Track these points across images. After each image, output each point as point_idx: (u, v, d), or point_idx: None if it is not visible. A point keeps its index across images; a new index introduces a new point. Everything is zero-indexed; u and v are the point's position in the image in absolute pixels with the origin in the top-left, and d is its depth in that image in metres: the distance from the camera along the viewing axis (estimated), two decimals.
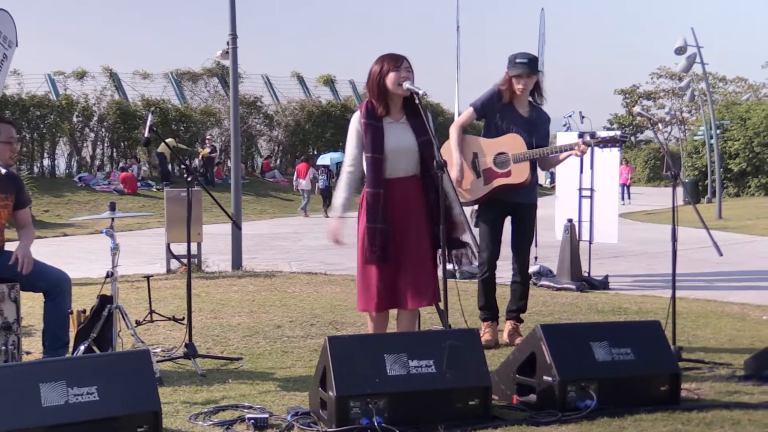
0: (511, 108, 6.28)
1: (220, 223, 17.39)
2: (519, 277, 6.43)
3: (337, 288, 9.16)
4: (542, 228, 10.97)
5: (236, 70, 11.82)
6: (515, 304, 6.47)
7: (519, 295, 6.45)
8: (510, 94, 6.25)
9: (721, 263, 10.49)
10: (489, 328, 6.45)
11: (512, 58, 6.24)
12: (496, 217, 6.34)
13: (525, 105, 6.32)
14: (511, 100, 6.27)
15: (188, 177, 5.56)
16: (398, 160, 4.90)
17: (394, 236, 4.86)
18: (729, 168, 34.39)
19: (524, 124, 6.26)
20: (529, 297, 6.58)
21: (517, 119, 6.25)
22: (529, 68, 6.17)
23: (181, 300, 7.89)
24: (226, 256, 11.49)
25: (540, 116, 6.36)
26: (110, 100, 31.33)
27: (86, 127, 30.68)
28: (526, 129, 6.24)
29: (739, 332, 6.71)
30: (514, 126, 6.23)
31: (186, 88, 35.62)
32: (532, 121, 6.28)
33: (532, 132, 6.25)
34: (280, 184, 31.91)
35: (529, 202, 6.40)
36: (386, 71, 4.89)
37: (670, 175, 5.81)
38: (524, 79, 6.17)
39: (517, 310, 6.46)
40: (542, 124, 6.35)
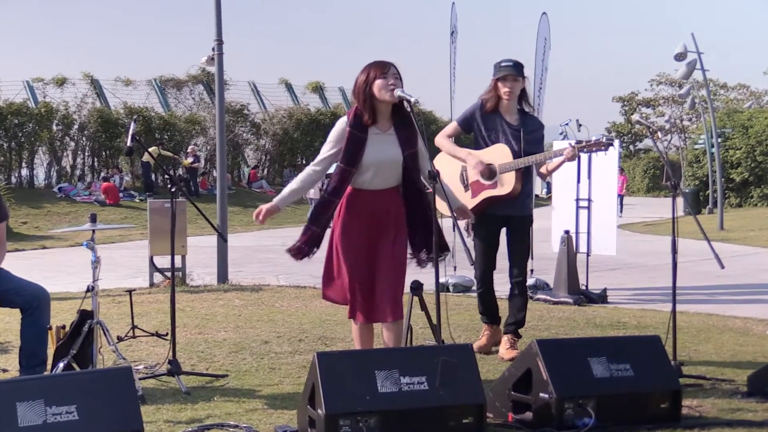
0: (496, 117, 6.33)
1: (205, 235, 17.37)
2: (517, 289, 6.46)
3: (326, 302, 9.11)
4: (538, 240, 11.00)
5: (222, 77, 11.82)
6: (513, 317, 6.49)
7: (517, 308, 6.48)
8: (495, 101, 6.31)
9: (722, 276, 10.52)
10: (488, 331, 6.57)
11: (497, 63, 6.35)
12: (490, 232, 6.39)
13: (513, 112, 6.35)
14: (497, 109, 6.32)
15: (172, 187, 5.56)
16: (378, 173, 4.95)
17: (368, 248, 4.93)
18: (731, 178, 34.46)
19: (511, 132, 6.29)
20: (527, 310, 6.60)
21: (503, 128, 6.30)
22: (515, 70, 6.22)
23: (165, 315, 7.87)
24: (211, 270, 11.46)
25: (530, 123, 6.37)
26: (91, 107, 31.28)
27: (66, 135, 30.61)
28: (514, 137, 6.28)
29: (742, 347, 6.72)
30: (500, 135, 6.29)
31: (170, 95, 35.58)
32: (520, 128, 6.30)
33: (520, 140, 6.27)
34: (267, 195, 31.83)
35: (523, 214, 6.43)
36: (373, 78, 4.91)
37: (670, 185, 5.83)
38: (510, 82, 6.22)
39: (515, 323, 6.47)
40: (533, 131, 6.35)
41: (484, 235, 6.37)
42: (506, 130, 6.29)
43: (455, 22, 11.23)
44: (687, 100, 33.82)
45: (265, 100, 37.55)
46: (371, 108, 4.94)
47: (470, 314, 8.04)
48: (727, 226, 22.85)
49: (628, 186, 53.57)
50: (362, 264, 4.96)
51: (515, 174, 6.21)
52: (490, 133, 6.31)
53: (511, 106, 6.33)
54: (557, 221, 10.42)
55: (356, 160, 4.93)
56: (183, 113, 33.99)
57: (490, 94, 6.32)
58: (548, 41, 11.38)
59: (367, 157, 4.93)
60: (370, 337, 5.16)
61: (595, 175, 9.84)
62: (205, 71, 33.49)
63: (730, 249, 15.93)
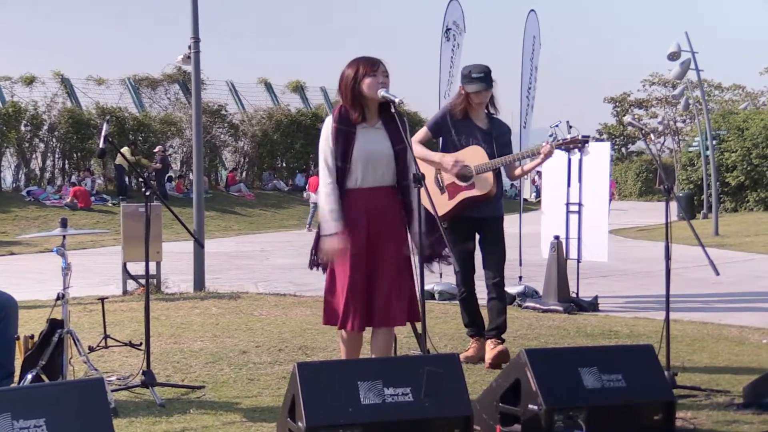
0: (467, 121, 6.50)
1: (181, 240, 17.31)
2: (494, 293, 6.51)
3: (307, 310, 9.14)
4: (527, 246, 11.04)
5: (199, 76, 11.80)
6: (494, 322, 6.52)
7: (496, 312, 6.51)
8: (465, 107, 6.48)
9: (717, 283, 10.56)
10: (475, 344, 6.60)
11: (467, 72, 6.51)
12: (464, 235, 6.49)
13: (482, 117, 6.55)
14: (466, 114, 6.50)
15: (146, 191, 5.54)
16: (371, 167, 4.90)
17: (366, 250, 4.86)
18: (726, 181, 34.62)
19: (483, 136, 6.47)
20: (512, 317, 6.63)
21: (474, 132, 6.48)
22: (487, 83, 6.41)
23: (139, 324, 7.84)
24: (187, 277, 11.43)
25: (499, 127, 6.59)
26: (62, 107, 31.10)
27: (35, 137, 30.43)
28: (486, 140, 6.46)
29: (738, 357, 6.75)
30: (472, 139, 6.46)
31: (144, 95, 35.45)
32: (490, 132, 6.49)
33: (492, 143, 6.44)
34: (246, 199, 31.83)
35: (495, 215, 6.55)
36: (362, 75, 4.89)
37: (663, 188, 5.86)
38: (482, 95, 6.43)
39: (496, 328, 6.50)
40: (502, 134, 6.55)
41: (459, 239, 6.40)
42: (477, 134, 6.47)
43: (453, 18, 11.14)
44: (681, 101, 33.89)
45: (243, 101, 37.50)
46: (360, 105, 4.92)
47: (457, 323, 8.04)
48: (723, 231, 22.95)
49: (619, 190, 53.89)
50: (362, 268, 4.88)
51: (492, 175, 6.38)
52: (461, 137, 6.47)
53: (481, 111, 6.54)
54: (546, 226, 10.43)
55: (347, 155, 4.89)
56: (158, 114, 33.87)
57: (459, 100, 6.51)
58: (537, 39, 11.40)
59: (356, 151, 4.89)
60: (358, 348, 5.10)
61: (586, 178, 9.87)
62: (181, 70, 33.38)
63: (725, 255, 16.00)
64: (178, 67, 33.16)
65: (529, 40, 11.22)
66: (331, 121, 4.95)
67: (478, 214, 6.46)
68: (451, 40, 11.07)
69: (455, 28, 11.14)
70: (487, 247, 6.54)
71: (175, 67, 33.92)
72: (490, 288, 6.51)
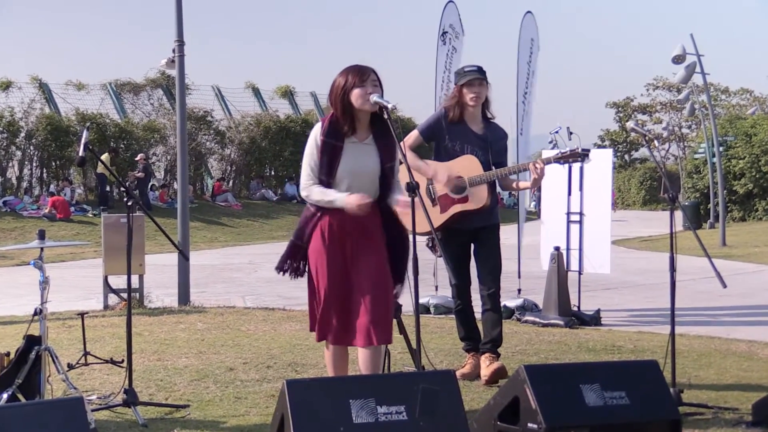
0: (461, 126, 6.47)
1: (164, 252, 17.28)
2: (489, 304, 6.50)
3: (296, 325, 9.13)
4: (526, 257, 11.05)
5: (183, 81, 11.80)
6: (489, 335, 6.53)
7: (491, 324, 6.52)
8: (460, 110, 6.44)
9: (725, 295, 10.58)
10: (472, 360, 6.58)
11: (460, 69, 6.62)
12: (459, 247, 6.49)
13: (478, 121, 6.51)
14: (461, 118, 6.46)
15: (129, 201, 5.53)
16: (356, 184, 4.95)
17: (348, 267, 4.91)
18: (733, 189, 34.70)
19: (478, 141, 6.45)
20: (511, 331, 6.61)
21: (469, 137, 6.45)
22: (481, 74, 6.37)
23: (120, 340, 7.82)
24: (171, 290, 11.42)
25: (495, 132, 6.56)
26: (39, 114, 31.07)
27: (12, 144, 30.40)
28: (481, 147, 6.43)
29: (747, 373, 6.76)
30: (467, 145, 6.43)
31: (126, 100, 35.45)
32: (486, 138, 6.46)
33: (487, 150, 6.42)
34: (233, 209, 31.80)
35: (490, 224, 6.55)
36: (350, 86, 4.92)
37: (668, 197, 5.87)
38: (477, 87, 6.37)
39: (492, 341, 6.50)
40: (498, 140, 6.54)
41: (454, 250, 6.41)
42: (473, 139, 6.45)
43: (450, 21, 11.14)
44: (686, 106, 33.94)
45: (230, 106, 37.48)
46: (350, 117, 4.95)
47: (453, 338, 8.04)
48: (730, 241, 23.00)
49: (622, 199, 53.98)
50: (339, 282, 4.93)
51: (487, 187, 6.38)
52: (455, 143, 6.44)
53: (476, 114, 6.49)
54: (546, 237, 10.45)
55: (333, 172, 4.94)
56: (141, 120, 33.86)
57: (453, 102, 6.48)
58: (536, 42, 11.40)
59: (342, 166, 4.93)
60: (344, 363, 5.14)
61: (588, 186, 9.88)
62: (164, 74, 33.38)
63: (732, 266, 16.03)
64: (161, 72, 33.14)
65: (526, 43, 11.21)
66: (319, 133, 4.97)
67: (472, 224, 6.46)
68: (447, 44, 11.07)
69: (452, 31, 11.14)
70: (481, 257, 6.54)
71: (158, 72, 33.91)
72: (484, 299, 6.50)
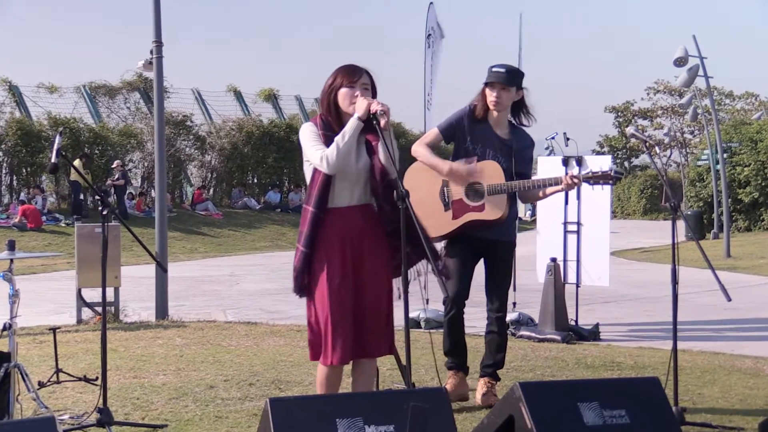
0: (485, 128, 6.30)
1: (141, 264, 17.24)
2: (495, 326, 6.42)
3: (281, 340, 9.12)
4: (522, 269, 11.05)
5: (161, 84, 11.79)
6: (491, 357, 6.46)
7: (495, 347, 6.44)
8: (485, 110, 6.29)
9: (730, 309, 10.61)
10: (453, 378, 6.43)
11: (490, 67, 6.29)
12: (467, 251, 6.33)
13: (504, 125, 6.35)
14: (485, 118, 6.30)
15: (104, 210, 5.52)
16: (347, 183, 4.91)
17: (345, 277, 4.87)
18: (738, 198, 34.77)
19: (501, 147, 6.28)
20: (507, 348, 6.58)
21: (492, 141, 6.28)
22: (506, 78, 6.19)
23: (95, 356, 7.81)
24: (148, 304, 11.39)
25: (521, 140, 6.38)
26: (9, 117, 31.01)
27: None
28: (504, 153, 6.27)
29: (752, 391, 6.77)
30: (489, 150, 6.25)
31: (102, 104, 35.41)
32: (510, 144, 6.29)
33: (511, 157, 6.26)
34: (213, 218, 31.76)
35: (506, 239, 6.41)
36: (339, 85, 4.93)
37: (670, 206, 5.88)
38: (497, 90, 6.20)
39: (494, 365, 6.45)
40: (524, 149, 6.36)
41: (460, 253, 6.31)
42: (495, 144, 6.28)
43: (432, 23, 11.20)
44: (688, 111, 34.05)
45: (211, 110, 37.48)
46: (336, 116, 4.96)
47: None
48: (735, 252, 23.06)
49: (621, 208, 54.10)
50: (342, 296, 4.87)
51: (506, 197, 6.19)
52: (476, 145, 6.27)
53: (502, 118, 6.33)
54: (543, 248, 10.46)
55: None
56: (116, 125, 33.82)
57: (480, 101, 6.31)
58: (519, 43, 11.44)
59: None
60: (338, 382, 5.09)
61: (586, 195, 9.89)
62: (141, 77, 33.32)
63: (737, 279, 16.08)
64: (138, 74, 33.06)
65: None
66: (316, 128, 4.96)
67: (485, 235, 6.28)
68: (432, 46, 11.12)
69: (434, 33, 11.19)
70: (493, 275, 6.40)
71: (135, 74, 33.87)
72: (492, 321, 6.42)
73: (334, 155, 4.81)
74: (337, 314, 4.84)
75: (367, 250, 4.93)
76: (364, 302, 4.89)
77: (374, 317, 4.91)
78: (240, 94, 38.77)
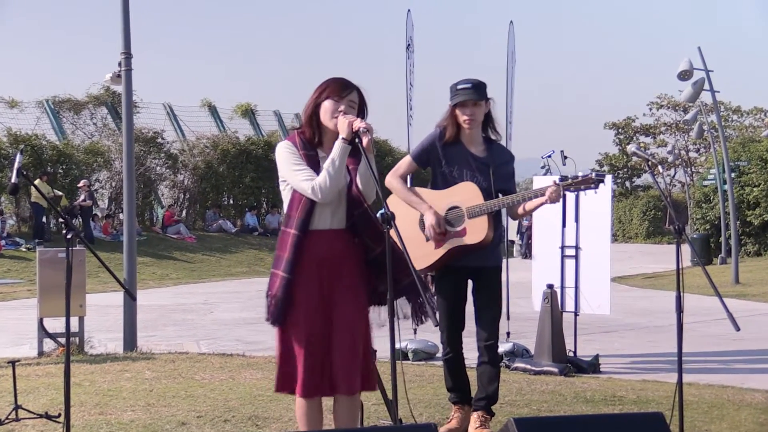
0: (459, 148, 6.39)
1: (108, 291, 17.21)
2: (486, 356, 6.45)
3: (258, 373, 9.10)
4: (516, 296, 11.07)
5: (130, 98, 11.79)
6: (483, 390, 6.48)
7: (487, 378, 6.47)
8: (455, 130, 6.37)
9: (738, 339, 10.63)
10: (458, 413, 6.53)
11: (453, 86, 6.40)
12: (455, 287, 6.42)
13: (478, 142, 6.44)
14: (458, 139, 6.38)
15: (68, 233, 5.51)
16: (324, 206, 4.93)
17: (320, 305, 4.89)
18: (747, 221, 34.91)
19: (478, 166, 6.37)
20: (500, 381, 6.59)
21: (468, 161, 6.37)
22: (475, 93, 6.28)
23: (57, 391, 7.77)
24: (116, 334, 11.36)
25: (498, 155, 6.46)
26: None
27: None
28: (481, 171, 6.35)
29: (763, 427, 6.79)
30: (465, 170, 6.35)
31: (66, 119, 35.35)
32: (487, 162, 6.38)
33: (489, 175, 6.35)
34: (186, 242, 31.70)
35: (492, 265, 6.47)
36: (324, 97, 4.96)
37: (674, 229, 5.90)
38: (470, 108, 6.28)
39: (486, 398, 6.47)
40: (502, 165, 6.45)
41: (448, 290, 6.40)
42: (471, 163, 6.36)
43: (411, 33, 11.25)
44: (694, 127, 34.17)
45: (183, 126, 37.46)
46: (317, 129, 4.99)
47: (434, 387, 8.04)
48: (743, 278, 23.12)
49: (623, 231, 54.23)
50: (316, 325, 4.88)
51: (487, 219, 6.24)
52: (452, 168, 6.36)
53: (475, 135, 6.41)
54: (539, 274, 10.46)
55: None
56: (82, 142, 33.72)
57: (448, 122, 6.39)
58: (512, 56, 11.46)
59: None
60: (319, 418, 5.09)
61: (584, 217, 9.91)
62: (109, 91, 33.36)
63: (747, 307, 16.11)
64: (106, 88, 33.10)
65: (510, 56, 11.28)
66: (295, 147, 4.97)
67: (471, 263, 6.36)
68: (412, 57, 11.18)
69: (412, 43, 11.25)
70: (481, 302, 6.46)
71: (102, 88, 33.87)
72: (482, 350, 6.45)
73: (327, 185, 4.83)
74: (309, 343, 4.87)
75: (344, 277, 4.96)
76: (335, 334, 4.90)
77: (345, 350, 4.91)
78: (215, 109, 38.75)
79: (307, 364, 4.84)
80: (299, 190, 4.93)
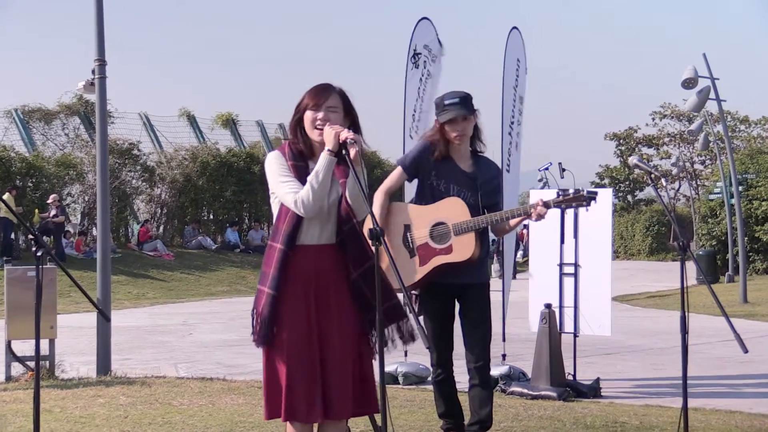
0: (449, 163, 6.45)
1: (81, 312, 17.16)
2: (477, 378, 6.46)
3: (239, 398, 9.08)
4: (513, 316, 11.07)
5: (104, 107, 11.78)
6: (476, 415, 6.49)
7: (479, 402, 6.48)
8: (444, 146, 6.42)
9: (747, 362, 10.64)
10: None
11: (439, 101, 6.48)
12: (442, 307, 6.46)
13: (466, 157, 6.51)
14: (447, 153, 6.43)
15: (38, 250, 5.50)
16: (315, 218, 4.93)
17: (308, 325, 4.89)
18: (756, 236, 34.93)
19: (466, 181, 6.42)
20: (494, 405, 6.60)
21: (457, 176, 6.43)
22: (464, 108, 6.34)
23: (26, 418, 7.75)
24: (89, 358, 11.33)
25: (486, 170, 6.54)
26: None
27: None
28: (469, 187, 6.41)
29: None
30: (453, 185, 6.40)
31: (36, 130, 35.27)
32: (475, 177, 6.44)
33: (476, 190, 6.41)
34: (163, 260, 31.63)
35: (478, 282, 6.51)
36: (304, 108, 4.99)
37: (678, 245, 5.91)
38: (460, 124, 6.35)
39: (479, 423, 6.48)
40: (489, 180, 6.52)
41: (435, 310, 6.42)
42: (461, 178, 6.43)
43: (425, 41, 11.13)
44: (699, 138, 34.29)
45: (161, 137, 37.41)
46: (305, 144, 5.02)
47: (425, 412, 8.03)
48: (752, 297, 23.12)
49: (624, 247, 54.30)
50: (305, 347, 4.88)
51: (474, 235, 6.29)
52: (440, 181, 6.42)
53: (464, 150, 6.48)
54: (536, 292, 10.46)
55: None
56: (53, 153, 33.64)
57: (437, 138, 6.44)
58: (523, 63, 11.45)
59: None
60: None
61: (584, 233, 9.92)
62: (82, 100, 33.32)
63: (755, 327, 16.13)
64: (78, 96, 33.08)
65: (511, 64, 11.24)
66: (284, 158, 4.99)
67: (457, 280, 6.39)
68: (420, 67, 11.10)
69: (426, 52, 11.18)
70: (469, 322, 6.48)
71: (74, 96, 33.83)
72: (472, 373, 6.47)
73: (310, 198, 4.85)
74: (299, 366, 4.85)
75: (334, 295, 4.95)
76: (329, 355, 4.90)
77: (336, 374, 4.90)
78: (194, 119, 38.71)
79: (295, 387, 4.84)
80: (284, 203, 4.95)
